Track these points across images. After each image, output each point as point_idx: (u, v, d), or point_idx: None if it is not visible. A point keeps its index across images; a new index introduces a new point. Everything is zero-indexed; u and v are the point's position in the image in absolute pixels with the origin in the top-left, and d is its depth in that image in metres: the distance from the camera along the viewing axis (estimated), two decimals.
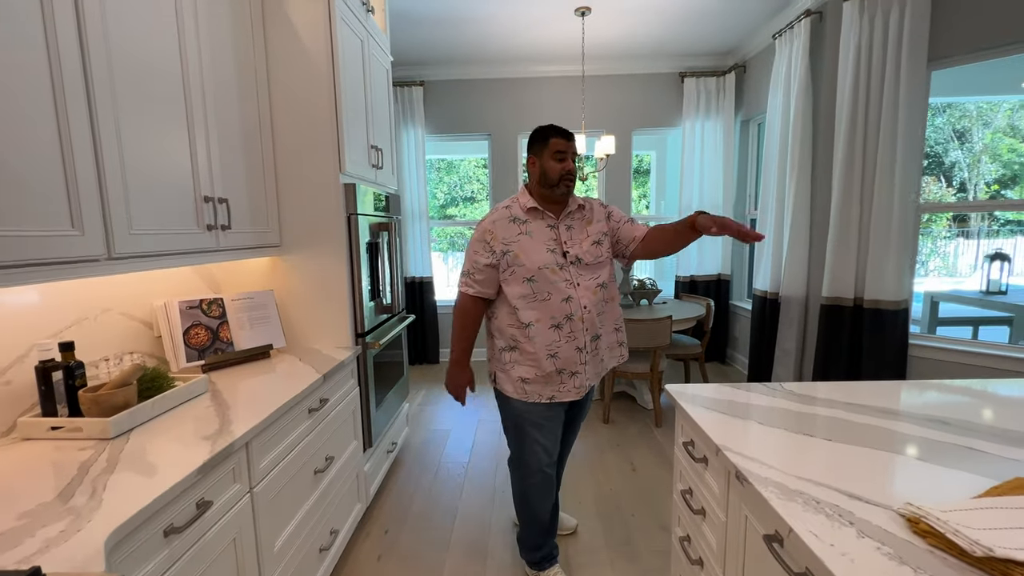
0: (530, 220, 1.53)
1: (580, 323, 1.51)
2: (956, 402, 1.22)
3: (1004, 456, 0.93)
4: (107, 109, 1.10)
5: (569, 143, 1.52)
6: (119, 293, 1.46)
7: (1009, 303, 3.85)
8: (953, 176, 12.62)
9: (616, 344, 1.66)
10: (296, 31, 1.76)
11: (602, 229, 1.60)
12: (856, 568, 0.64)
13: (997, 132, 11.97)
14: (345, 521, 1.79)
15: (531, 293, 1.50)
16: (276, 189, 1.84)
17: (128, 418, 1.13)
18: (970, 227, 12.15)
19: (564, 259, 1.52)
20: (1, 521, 0.79)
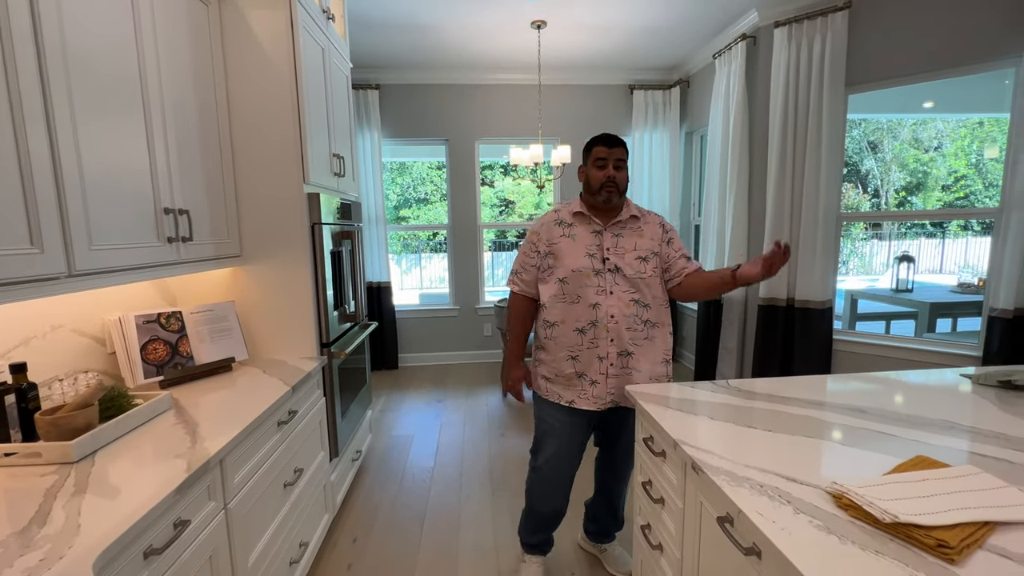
0: (575, 224, 1.57)
1: (604, 331, 1.51)
2: (870, 392, 1.41)
3: (907, 438, 1.10)
4: (64, 118, 1.06)
5: (612, 150, 1.52)
6: (69, 309, 1.39)
7: (915, 300, 4.33)
8: (868, 183, 13.90)
9: (665, 379, 1.59)
10: (258, 40, 1.74)
11: (653, 248, 1.56)
12: (794, 540, 0.76)
13: (904, 144, 13.28)
14: (314, 533, 1.78)
15: (561, 293, 1.54)
16: (236, 199, 1.80)
17: (91, 440, 1.10)
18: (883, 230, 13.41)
19: (603, 265, 1.52)
20: None
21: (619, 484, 1.79)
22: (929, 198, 13.06)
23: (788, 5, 2.97)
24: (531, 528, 1.76)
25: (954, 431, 1.14)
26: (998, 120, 9.67)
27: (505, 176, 13.02)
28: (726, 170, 3.45)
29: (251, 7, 1.72)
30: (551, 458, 1.62)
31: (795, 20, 2.93)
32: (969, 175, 12.44)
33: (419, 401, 3.66)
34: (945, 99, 4.89)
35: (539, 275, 1.60)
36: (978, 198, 12.21)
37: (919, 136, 13.12)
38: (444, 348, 4.59)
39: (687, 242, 4.45)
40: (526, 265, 1.62)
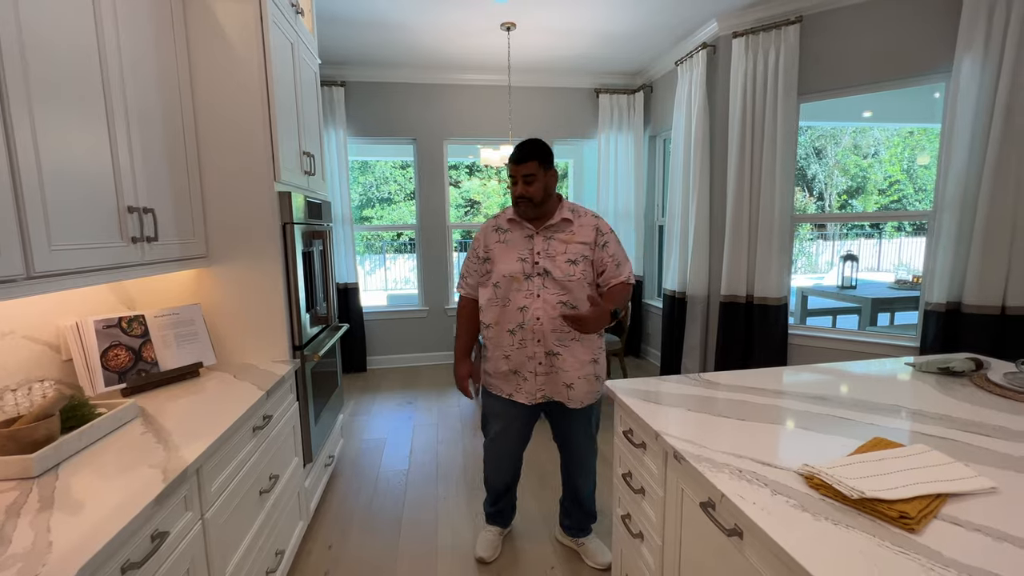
0: (511, 230, 1.66)
1: (531, 333, 1.60)
2: (827, 382, 1.51)
3: (864, 422, 1.20)
4: (21, 109, 0.99)
5: (519, 167, 1.58)
6: (20, 314, 1.30)
7: (859, 296, 4.65)
8: (814, 187, 14.77)
9: (593, 377, 1.67)
10: (224, 33, 1.67)
11: (584, 251, 1.60)
12: (773, 519, 0.81)
13: (845, 150, 14.19)
14: (289, 541, 1.73)
15: (494, 297, 1.64)
16: (202, 197, 1.73)
17: (53, 453, 1.03)
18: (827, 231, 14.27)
19: (532, 269, 1.59)
20: None
21: (581, 479, 1.84)
22: (868, 201, 14.02)
23: (745, 17, 3.12)
24: (490, 500, 1.94)
25: (903, 414, 1.24)
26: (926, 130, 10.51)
27: (471, 176, 12.99)
28: (689, 173, 3.58)
29: (218, 1, 1.66)
30: (497, 435, 1.79)
31: (752, 31, 3.08)
32: (902, 180, 13.43)
33: (390, 404, 3.61)
34: (881, 109, 5.28)
35: (479, 279, 1.70)
36: (909, 201, 13.21)
37: (858, 143, 14.07)
38: (414, 350, 4.54)
39: (651, 241, 4.59)
40: (470, 270, 1.74)
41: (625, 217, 4.50)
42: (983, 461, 0.99)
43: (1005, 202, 2.43)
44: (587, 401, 1.69)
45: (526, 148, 1.59)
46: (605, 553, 1.84)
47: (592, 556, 1.85)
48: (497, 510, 1.94)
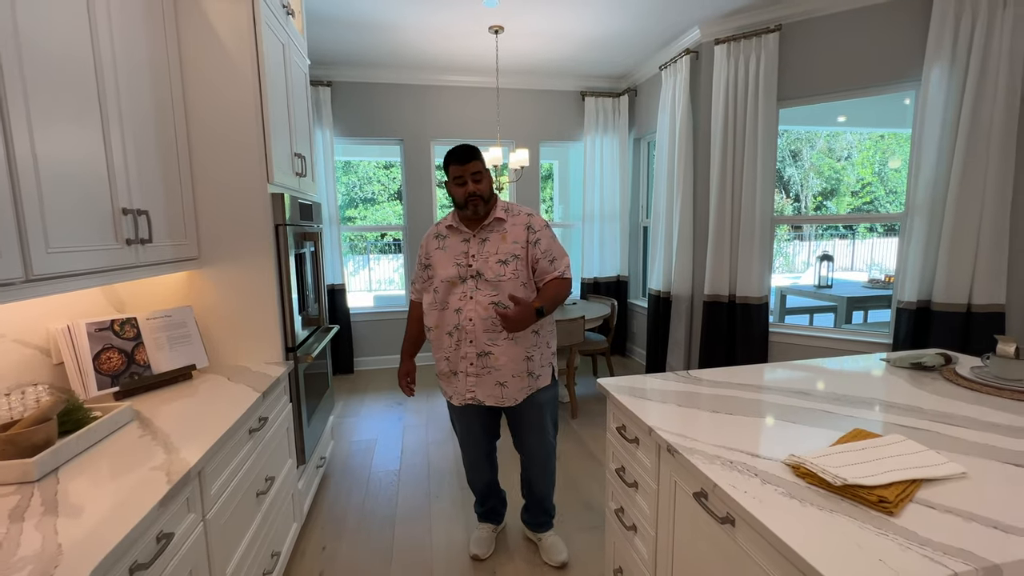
0: (448, 236, 1.70)
1: (465, 334, 1.63)
2: (808, 377, 1.58)
3: (844, 414, 1.26)
4: (19, 113, 0.99)
5: (465, 166, 1.59)
6: (10, 318, 1.28)
7: (834, 295, 4.82)
8: (791, 188, 15.17)
9: (525, 376, 1.67)
10: (217, 34, 1.67)
11: (515, 251, 1.62)
12: (764, 506, 0.86)
13: (820, 153, 14.60)
14: (284, 542, 1.73)
15: (434, 301, 1.69)
16: (193, 199, 1.72)
17: (52, 457, 1.03)
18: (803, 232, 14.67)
19: (467, 271, 1.63)
20: None
21: (535, 478, 1.86)
22: (841, 202, 14.45)
23: (727, 24, 3.21)
24: (478, 500, 2.01)
25: (879, 407, 1.31)
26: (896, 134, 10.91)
27: None
28: (673, 176, 3.67)
29: (210, 0, 1.65)
30: (462, 437, 1.88)
31: (733, 39, 3.18)
32: (874, 182, 13.89)
33: (378, 405, 3.60)
34: (855, 114, 5.47)
35: (423, 285, 1.76)
36: (881, 203, 13.66)
37: (832, 146, 14.50)
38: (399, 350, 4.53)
39: (635, 242, 4.68)
40: (418, 276, 1.80)
41: (610, 218, 4.57)
42: (953, 449, 1.06)
43: (971, 206, 2.57)
44: (519, 398, 1.69)
45: (468, 149, 1.62)
46: (562, 551, 1.87)
47: (548, 553, 1.88)
48: (486, 509, 1.99)
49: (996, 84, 2.45)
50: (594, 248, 4.63)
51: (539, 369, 1.72)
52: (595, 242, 4.61)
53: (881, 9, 2.78)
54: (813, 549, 0.75)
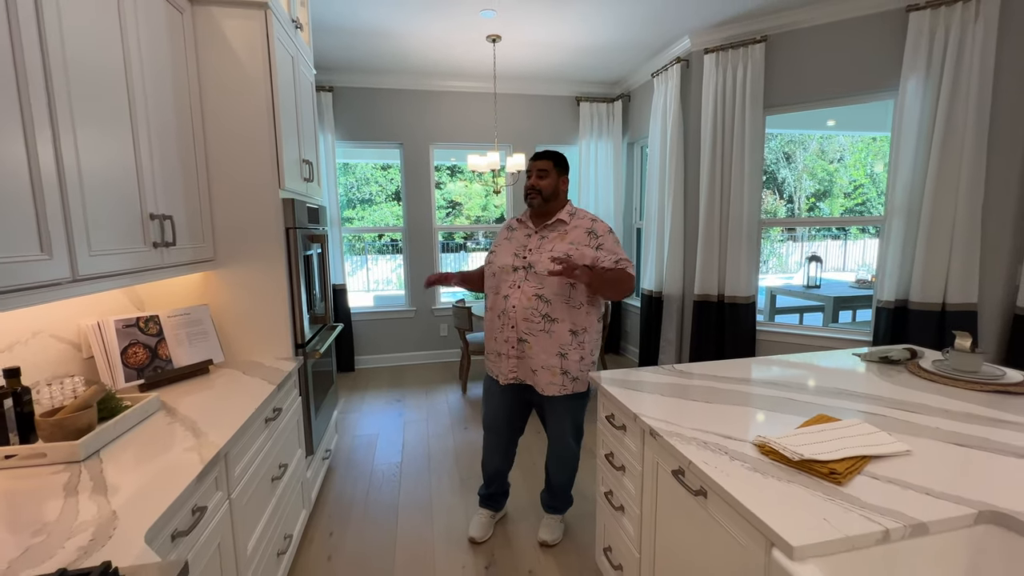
0: (517, 229, 1.89)
1: (508, 319, 1.79)
2: (783, 370, 1.71)
3: (812, 402, 1.39)
4: (67, 126, 1.10)
5: (534, 163, 1.81)
6: (47, 315, 1.39)
7: (822, 295, 4.95)
8: (784, 190, 15.35)
9: (558, 371, 1.76)
10: (232, 49, 1.78)
11: (568, 251, 1.72)
12: (731, 479, 0.98)
13: (813, 155, 14.78)
14: (295, 526, 1.84)
15: (491, 286, 1.88)
16: (210, 203, 1.83)
17: (95, 439, 1.14)
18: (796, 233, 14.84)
19: (521, 263, 1.79)
20: (18, 541, 0.82)
21: (554, 468, 1.98)
22: (834, 204, 14.65)
23: (716, 35, 3.34)
24: (484, 483, 2.11)
25: (845, 396, 1.44)
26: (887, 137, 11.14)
27: (452, 178, 13.06)
28: (664, 179, 3.79)
29: (226, 17, 1.76)
30: (488, 416, 1.99)
31: (721, 48, 3.30)
32: (866, 184, 14.08)
33: (379, 401, 3.71)
34: (844, 118, 5.61)
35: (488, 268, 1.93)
36: (873, 204, 13.85)
37: (825, 149, 14.70)
38: (400, 349, 4.65)
39: (628, 243, 4.80)
40: (487, 260, 1.95)
41: (605, 219, 4.69)
42: (904, 431, 1.18)
43: (945, 209, 2.70)
44: (549, 391, 1.79)
45: (546, 151, 1.85)
46: (550, 532, 2.01)
47: (543, 530, 2.03)
48: (489, 494, 2.10)
49: (968, 94, 2.59)
50: None
51: (576, 372, 1.79)
52: None
53: (861, 22, 2.91)
54: (769, 511, 0.87)
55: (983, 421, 1.24)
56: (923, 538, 0.84)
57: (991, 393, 1.43)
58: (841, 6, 2.93)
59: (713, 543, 1.03)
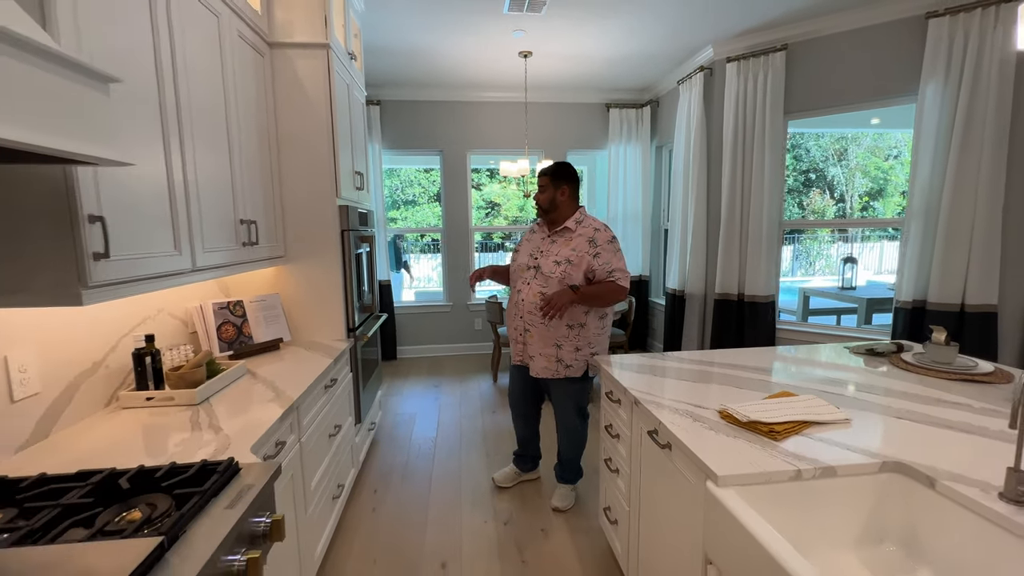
0: (537, 231, 2.21)
1: (518, 310, 2.15)
2: (769, 358, 1.89)
3: (781, 383, 1.59)
4: (190, 148, 1.47)
5: (537, 178, 2.16)
6: (165, 297, 1.79)
7: (856, 296, 4.92)
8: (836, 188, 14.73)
9: (553, 359, 2.08)
10: (301, 82, 2.15)
11: (570, 256, 2.01)
12: (688, 434, 1.22)
13: (866, 152, 14.12)
14: (346, 479, 2.20)
15: (512, 280, 2.24)
16: (282, 210, 2.22)
17: (205, 390, 1.51)
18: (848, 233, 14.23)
19: (533, 263, 2.12)
20: (167, 451, 1.18)
21: (561, 443, 2.28)
22: (889, 203, 13.95)
23: (737, 44, 3.48)
24: (518, 445, 2.48)
25: (817, 380, 1.62)
26: None
27: (491, 180, 13.45)
28: (688, 182, 3.95)
29: (298, 57, 2.14)
30: (510, 392, 2.41)
31: (743, 57, 3.44)
32: None
33: (418, 387, 4.08)
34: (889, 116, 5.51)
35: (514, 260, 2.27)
36: None
37: (880, 145, 14.00)
38: (438, 341, 5.02)
39: (657, 244, 4.96)
40: (512, 255, 2.31)
41: (633, 220, 4.88)
42: (857, 407, 1.38)
43: (964, 211, 2.75)
44: (543, 375, 2.13)
45: (550, 165, 2.15)
46: (561, 499, 2.28)
47: (555, 497, 2.31)
48: (518, 455, 2.49)
49: (987, 98, 2.63)
50: None
51: (570, 360, 2.09)
52: None
53: (880, 29, 2.98)
54: (709, 455, 1.11)
55: (933, 402, 1.41)
56: (832, 479, 1.06)
57: (957, 381, 1.58)
58: (861, 14, 3.02)
59: (674, 485, 1.28)
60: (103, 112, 0.88)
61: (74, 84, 0.81)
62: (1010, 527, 0.87)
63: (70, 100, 0.81)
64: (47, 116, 0.76)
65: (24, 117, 0.72)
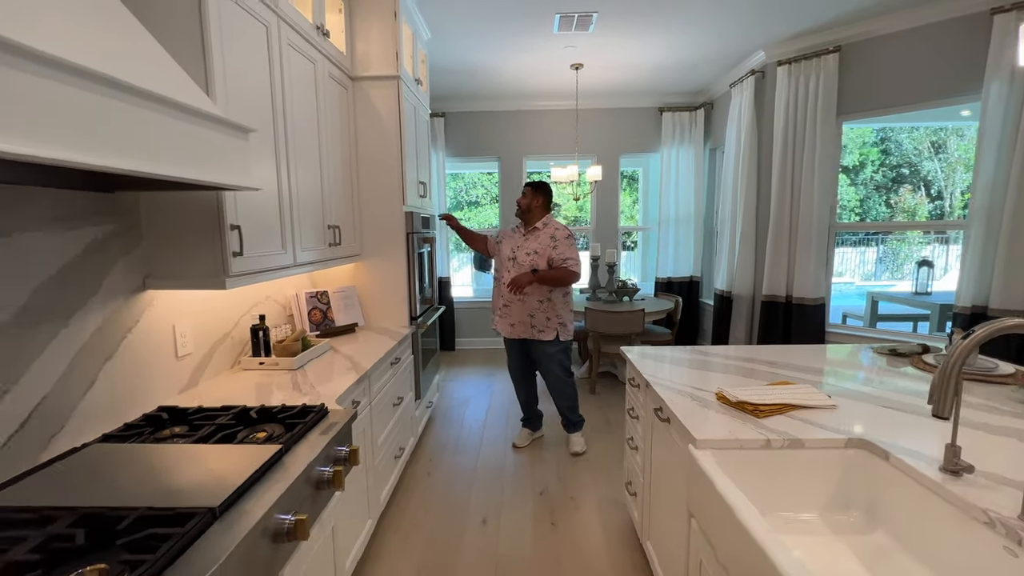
0: (514, 232, 2.81)
1: (501, 291, 2.76)
2: (792, 354, 2.02)
3: (785, 374, 1.73)
4: (295, 164, 1.90)
5: (523, 188, 2.79)
6: (271, 286, 2.26)
7: (929, 302, 4.65)
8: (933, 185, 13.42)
9: (528, 325, 2.74)
10: (376, 108, 2.57)
11: (538, 249, 2.67)
12: (683, 409, 1.44)
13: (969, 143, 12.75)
14: (407, 445, 2.59)
15: (497, 265, 2.86)
16: (360, 216, 2.65)
17: (301, 359, 1.94)
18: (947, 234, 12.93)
19: (512, 254, 2.72)
20: (276, 401, 1.59)
21: (553, 396, 2.87)
22: None
23: (789, 47, 3.50)
24: (522, 409, 3.05)
25: (825, 373, 1.75)
26: None
27: None
28: (737, 184, 4.00)
29: (373, 87, 2.55)
30: (508, 364, 2.98)
31: (794, 60, 3.46)
32: None
33: (473, 376, 4.46)
34: None
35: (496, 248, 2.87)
36: None
37: None
38: (494, 334, 5.36)
39: (709, 245, 4.99)
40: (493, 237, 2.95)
41: (685, 223, 4.95)
42: (851, 397, 1.52)
43: None
44: (523, 335, 2.76)
45: (531, 181, 2.80)
46: (576, 445, 2.86)
47: (568, 445, 2.90)
48: (526, 418, 3.04)
49: None
50: (668, 250, 5.04)
51: (542, 325, 2.73)
52: (669, 245, 5.02)
53: (940, 27, 2.91)
54: (695, 425, 1.33)
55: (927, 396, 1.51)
56: (800, 451, 1.24)
57: (972, 382, 1.65)
58: (920, 13, 2.96)
59: (672, 453, 1.50)
60: (244, 154, 1.27)
61: (225, 136, 1.20)
62: (944, 495, 1.03)
63: (223, 147, 1.20)
64: (209, 159, 1.15)
65: (193, 161, 1.10)
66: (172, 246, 1.49)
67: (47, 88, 0.74)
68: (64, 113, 0.77)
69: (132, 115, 0.90)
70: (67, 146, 0.77)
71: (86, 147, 0.81)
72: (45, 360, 1.19)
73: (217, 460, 1.10)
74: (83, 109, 0.80)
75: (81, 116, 0.80)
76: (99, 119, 0.84)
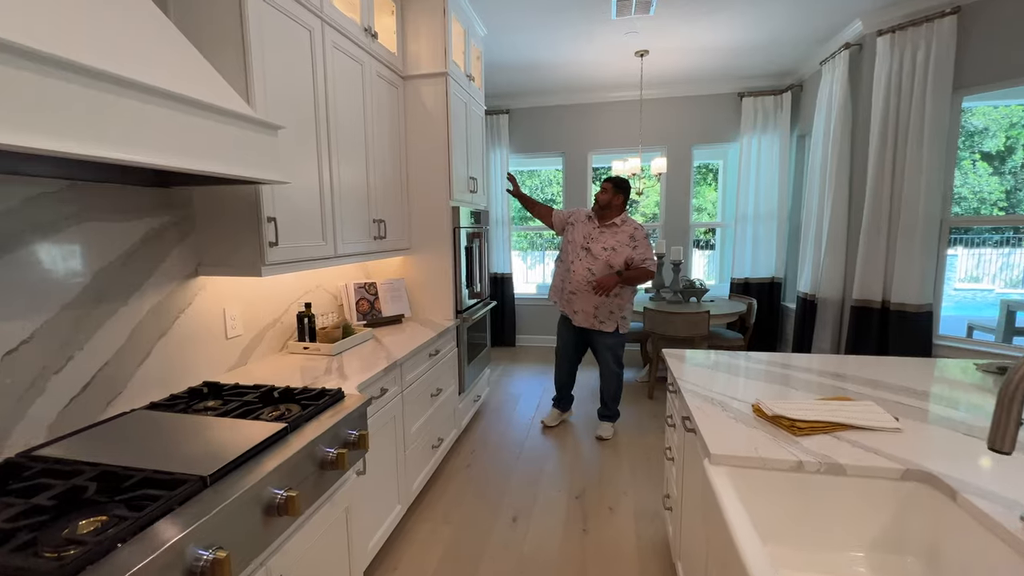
0: (588, 221, 2.86)
1: (569, 276, 2.83)
2: (861, 367, 1.74)
3: (850, 389, 1.49)
4: (336, 160, 2.00)
5: (603, 183, 2.79)
6: (321, 276, 2.41)
7: None
8: None
9: (591, 316, 2.83)
10: (425, 105, 2.63)
11: (615, 245, 2.73)
12: (709, 420, 1.29)
13: None
14: (447, 436, 2.64)
15: (564, 250, 2.95)
16: (409, 210, 2.73)
17: (340, 346, 2.04)
18: None
19: (584, 243, 2.78)
20: (308, 380, 1.69)
21: (602, 386, 3.00)
22: None
23: (892, 13, 3.02)
24: (556, 390, 3.20)
25: (896, 390, 1.48)
26: None
27: None
28: (826, 173, 3.54)
29: (423, 85, 2.62)
30: (558, 344, 3.12)
31: (899, 28, 2.98)
32: None
33: (529, 372, 4.43)
34: None
35: (563, 226, 2.96)
36: None
37: None
38: (554, 332, 5.29)
39: (794, 245, 4.49)
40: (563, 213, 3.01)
41: (767, 219, 4.51)
42: (926, 420, 1.27)
43: None
44: (584, 324, 2.87)
45: (608, 178, 2.81)
46: (604, 431, 2.99)
47: (598, 429, 3.04)
48: (558, 398, 3.20)
49: None
50: (746, 248, 4.62)
51: (604, 317, 2.82)
52: (747, 242, 4.60)
53: None
54: (715, 438, 1.19)
55: None
56: (840, 477, 1.05)
57: None
58: None
59: (693, 461, 1.35)
60: (274, 150, 1.36)
61: (253, 133, 1.29)
62: (1021, 550, 0.81)
63: (256, 145, 1.28)
64: (244, 156, 1.23)
65: (233, 159, 1.19)
66: (220, 236, 1.63)
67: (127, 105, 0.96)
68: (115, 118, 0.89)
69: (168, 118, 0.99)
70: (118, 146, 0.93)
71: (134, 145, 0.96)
72: (105, 332, 1.36)
73: (229, 433, 1.18)
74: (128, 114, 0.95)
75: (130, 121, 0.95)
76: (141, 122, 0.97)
